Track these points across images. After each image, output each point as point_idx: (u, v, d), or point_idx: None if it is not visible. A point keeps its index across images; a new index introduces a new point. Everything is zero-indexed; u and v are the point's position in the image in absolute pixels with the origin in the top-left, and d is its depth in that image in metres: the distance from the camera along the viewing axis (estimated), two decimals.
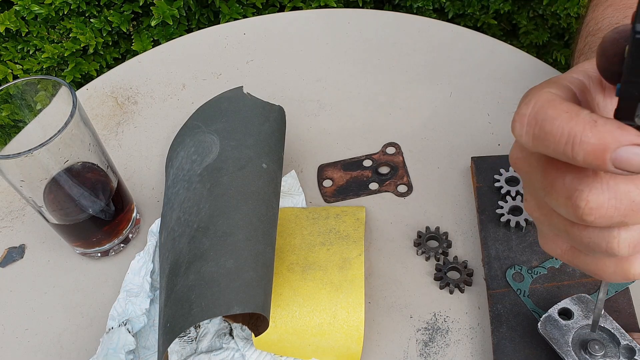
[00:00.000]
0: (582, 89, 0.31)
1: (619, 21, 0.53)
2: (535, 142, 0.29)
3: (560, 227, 0.32)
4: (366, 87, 0.70)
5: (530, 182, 0.32)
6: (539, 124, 0.29)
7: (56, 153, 0.49)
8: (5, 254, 0.61)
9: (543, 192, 0.31)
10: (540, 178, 0.31)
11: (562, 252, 0.34)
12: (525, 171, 0.32)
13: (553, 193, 0.30)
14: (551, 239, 0.35)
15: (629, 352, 0.46)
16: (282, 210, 0.60)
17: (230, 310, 0.46)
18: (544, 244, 0.35)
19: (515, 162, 0.33)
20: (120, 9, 1.00)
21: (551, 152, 0.29)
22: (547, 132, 0.28)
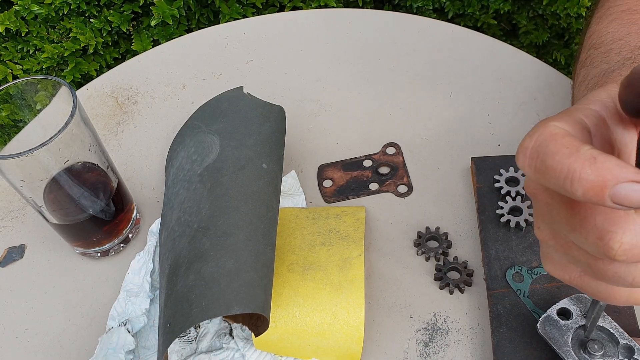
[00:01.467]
0: (599, 122, 0.31)
1: (622, 37, 0.53)
2: (537, 175, 0.29)
3: (579, 259, 0.32)
4: (366, 87, 0.70)
5: (549, 213, 0.32)
6: (540, 158, 0.29)
7: (56, 153, 0.49)
8: (5, 254, 0.61)
9: (568, 227, 0.31)
10: (566, 214, 0.31)
11: (571, 278, 0.35)
12: (545, 202, 0.32)
13: (582, 231, 0.30)
14: (562, 265, 0.35)
15: (628, 352, 0.46)
16: (282, 211, 0.60)
17: (230, 310, 0.46)
18: (552, 269, 0.35)
19: (533, 192, 0.33)
20: (120, 9, 1.00)
21: (552, 186, 0.29)
22: (548, 167, 0.28)
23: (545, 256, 0.36)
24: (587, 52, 0.56)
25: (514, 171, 0.58)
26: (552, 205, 0.32)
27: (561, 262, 0.35)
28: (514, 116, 0.66)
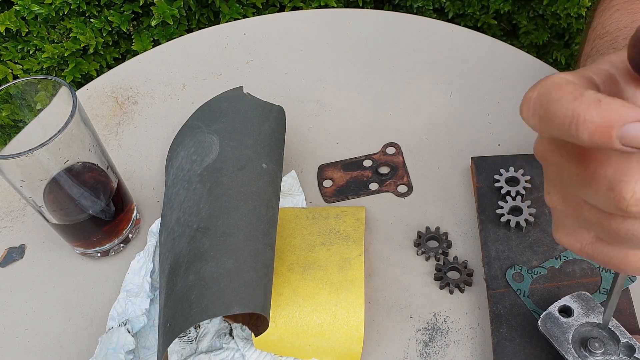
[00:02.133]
0: (608, 79, 0.31)
1: (627, 25, 0.53)
2: (541, 125, 0.29)
3: (591, 219, 0.31)
4: (366, 87, 0.70)
5: (559, 174, 0.32)
6: (543, 106, 0.28)
7: (56, 153, 0.49)
8: (5, 254, 0.61)
9: (579, 183, 0.30)
10: (576, 170, 0.30)
11: (582, 246, 0.34)
12: (555, 162, 0.32)
13: (593, 184, 0.29)
14: (573, 231, 0.34)
15: (628, 350, 0.46)
16: (282, 210, 0.60)
17: (230, 310, 0.46)
18: (562, 237, 0.34)
19: (543, 154, 0.32)
20: (120, 9, 1.00)
21: (557, 133, 0.28)
22: (552, 113, 0.28)
23: (556, 224, 0.35)
24: (592, 43, 0.55)
25: (514, 171, 0.58)
26: (562, 165, 0.31)
27: (572, 228, 0.34)
28: (514, 116, 0.66)
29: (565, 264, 0.54)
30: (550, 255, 0.54)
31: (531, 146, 0.63)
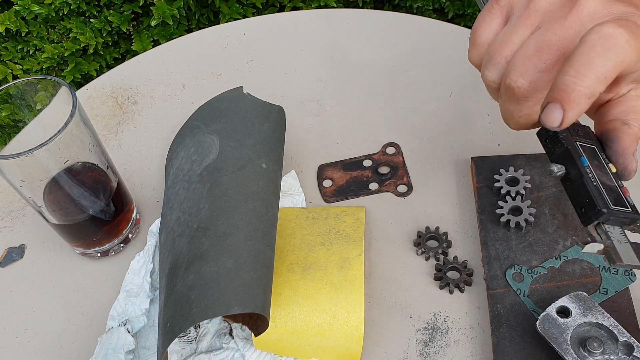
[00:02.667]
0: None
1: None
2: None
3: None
4: (366, 87, 0.70)
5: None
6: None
7: (56, 153, 0.49)
8: (5, 254, 0.61)
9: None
10: None
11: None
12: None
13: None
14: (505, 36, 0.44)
15: (627, 349, 0.46)
16: (282, 210, 0.60)
17: (230, 310, 0.46)
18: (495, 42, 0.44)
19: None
20: (120, 9, 1.00)
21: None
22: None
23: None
24: None
25: (514, 171, 0.58)
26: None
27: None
28: None
29: (565, 264, 0.54)
30: (550, 255, 0.54)
31: (531, 146, 0.63)
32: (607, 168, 0.43)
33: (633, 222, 0.42)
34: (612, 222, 0.41)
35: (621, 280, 0.52)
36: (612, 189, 0.41)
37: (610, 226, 0.41)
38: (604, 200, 0.40)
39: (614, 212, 0.40)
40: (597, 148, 0.43)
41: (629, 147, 0.42)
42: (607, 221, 0.41)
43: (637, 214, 0.42)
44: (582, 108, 0.38)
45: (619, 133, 0.43)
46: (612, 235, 0.41)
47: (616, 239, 0.41)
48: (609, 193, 0.41)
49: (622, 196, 0.42)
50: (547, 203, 0.57)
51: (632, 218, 0.41)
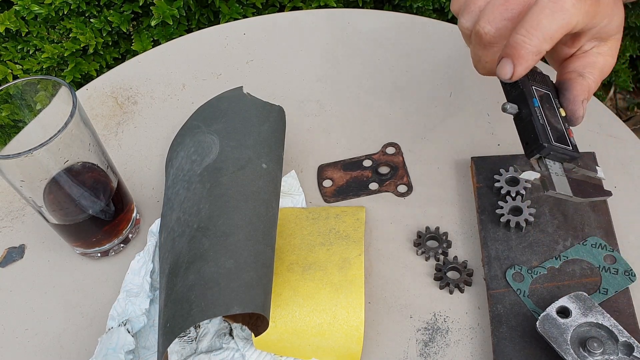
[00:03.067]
0: None
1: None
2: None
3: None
4: (366, 87, 0.70)
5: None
6: None
7: (56, 153, 0.49)
8: (5, 254, 0.61)
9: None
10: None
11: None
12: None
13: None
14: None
15: (627, 349, 0.46)
16: (282, 210, 0.60)
17: (230, 310, 0.46)
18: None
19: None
20: (120, 9, 1.00)
21: None
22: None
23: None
24: None
25: (514, 171, 0.58)
26: None
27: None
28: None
29: (565, 264, 0.54)
30: (550, 255, 0.54)
31: None
32: (557, 112, 0.48)
33: (573, 159, 0.47)
34: (553, 157, 0.47)
35: (621, 280, 0.52)
36: (558, 129, 0.47)
37: (551, 161, 0.47)
38: (547, 136, 0.45)
39: (555, 147, 0.46)
40: (551, 94, 0.49)
41: (579, 95, 0.48)
42: (548, 155, 0.46)
43: (577, 152, 0.47)
44: (530, 63, 0.44)
45: (573, 82, 0.48)
46: (552, 168, 0.47)
47: (554, 172, 0.47)
48: (554, 132, 0.46)
49: (566, 136, 0.47)
50: (547, 203, 0.57)
51: (571, 155, 0.47)
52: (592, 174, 0.50)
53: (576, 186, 0.48)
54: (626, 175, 0.60)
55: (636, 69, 1.22)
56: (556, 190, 0.46)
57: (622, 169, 0.61)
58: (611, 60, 0.49)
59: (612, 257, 0.53)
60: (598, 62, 0.48)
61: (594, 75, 0.48)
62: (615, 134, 0.63)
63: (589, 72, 0.48)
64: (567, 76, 0.49)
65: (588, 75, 0.48)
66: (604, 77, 0.49)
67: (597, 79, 0.48)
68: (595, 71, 0.48)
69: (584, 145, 0.62)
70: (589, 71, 0.48)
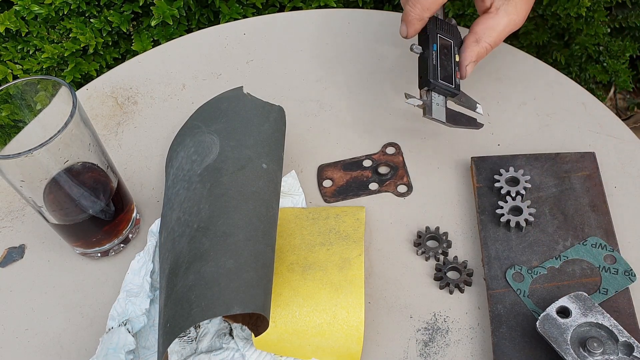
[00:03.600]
0: None
1: None
2: None
3: None
4: (366, 87, 0.70)
5: None
6: None
7: (56, 153, 0.49)
8: (5, 254, 0.61)
9: None
10: None
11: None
12: None
13: None
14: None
15: (627, 349, 0.46)
16: (282, 211, 0.60)
17: (230, 310, 0.46)
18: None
19: None
20: (120, 9, 1.00)
21: None
22: None
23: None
24: None
25: (514, 171, 0.58)
26: None
27: None
28: (514, 116, 0.66)
29: (565, 264, 0.54)
30: (550, 255, 0.54)
31: (531, 146, 0.63)
32: (452, 58, 0.59)
33: (454, 95, 0.59)
34: (438, 91, 0.58)
35: (621, 280, 0.52)
36: (448, 71, 0.58)
37: (437, 94, 0.58)
38: (435, 75, 0.57)
39: (439, 84, 0.57)
40: (453, 43, 0.60)
41: (466, 59, 0.59)
42: (434, 89, 0.58)
43: (458, 90, 0.58)
44: (417, 27, 0.57)
45: (466, 47, 0.59)
46: (435, 99, 0.58)
47: (436, 102, 0.58)
48: (443, 72, 0.58)
49: (453, 78, 0.58)
50: (547, 203, 0.57)
51: (452, 92, 0.58)
52: (473, 110, 0.61)
53: (452, 116, 0.58)
54: (626, 175, 0.60)
55: (636, 69, 1.22)
56: (432, 116, 0.57)
57: (622, 169, 0.61)
58: (516, 17, 0.58)
59: (612, 257, 0.53)
60: (501, 23, 0.58)
61: (490, 38, 0.58)
62: (615, 134, 0.63)
63: (487, 35, 0.58)
64: (467, 39, 0.59)
65: (483, 41, 0.58)
66: (508, 33, 0.59)
67: (494, 41, 0.59)
68: (494, 34, 0.58)
69: (584, 145, 0.62)
70: (488, 34, 0.58)
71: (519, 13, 0.58)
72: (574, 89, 0.68)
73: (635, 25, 1.08)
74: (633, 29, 1.11)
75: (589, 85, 1.13)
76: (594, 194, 0.57)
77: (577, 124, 0.64)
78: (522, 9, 0.58)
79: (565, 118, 0.65)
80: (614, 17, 1.10)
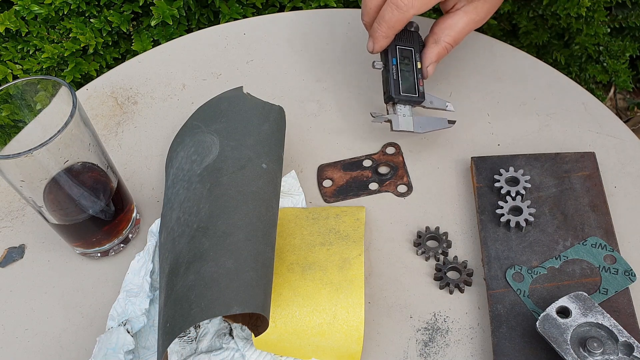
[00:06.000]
0: None
1: None
2: None
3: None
4: (366, 87, 0.70)
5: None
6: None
7: (56, 153, 0.49)
8: (5, 254, 0.61)
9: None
10: None
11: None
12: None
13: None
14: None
15: (627, 349, 0.46)
16: (282, 211, 0.60)
17: (230, 310, 0.46)
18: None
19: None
20: (120, 9, 1.00)
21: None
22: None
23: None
24: None
25: (514, 171, 0.58)
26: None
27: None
28: (514, 116, 0.66)
29: (565, 264, 0.54)
30: (550, 255, 0.54)
31: (531, 146, 0.63)
32: (414, 65, 0.61)
33: (418, 103, 0.61)
34: (402, 103, 0.60)
35: (621, 281, 0.52)
36: (410, 81, 0.61)
37: (402, 105, 0.60)
38: (397, 89, 0.60)
39: (402, 97, 0.60)
40: (414, 49, 0.62)
41: (427, 59, 0.61)
42: (398, 102, 0.60)
43: (422, 98, 0.61)
44: (382, 43, 0.59)
45: (427, 47, 0.61)
46: (400, 110, 0.60)
47: (402, 113, 0.60)
48: (405, 83, 0.60)
49: (416, 86, 0.61)
50: (547, 203, 0.57)
51: (417, 101, 0.61)
52: (443, 109, 0.63)
53: (420, 123, 0.61)
54: (626, 175, 0.60)
55: (636, 69, 1.22)
56: (399, 128, 0.60)
57: (622, 169, 0.61)
58: (475, 17, 0.60)
59: (612, 257, 0.53)
60: (460, 22, 0.60)
61: (449, 37, 0.60)
62: (615, 134, 0.63)
63: (446, 34, 0.60)
64: (428, 39, 0.62)
65: (442, 40, 0.61)
66: (468, 32, 0.61)
67: (453, 39, 0.60)
68: (452, 32, 0.60)
69: (584, 145, 0.62)
70: (446, 34, 0.60)
71: (479, 13, 0.60)
72: (574, 89, 0.68)
73: (635, 25, 1.08)
74: (633, 29, 1.11)
75: (589, 85, 1.13)
76: (594, 194, 0.57)
77: (577, 124, 0.64)
78: (483, 9, 0.60)
79: (565, 118, 0.65)
80: (614, 17, 1.10)
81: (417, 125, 0.60)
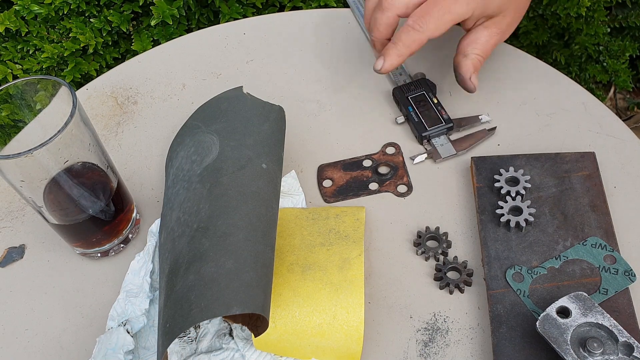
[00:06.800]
0: None
1: None
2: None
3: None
4: (366, 87, 0.70)
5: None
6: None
7: (56, 153, 0.49)
8: (5, 254, 0.61)
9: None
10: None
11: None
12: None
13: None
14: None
15: (627, 349, 0.46)
16: (282, 211, 0.60)
17: (230, 310, 0.46)
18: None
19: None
20: (120, 8, 1.00)
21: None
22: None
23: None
24: None
25: (514, 171, 0.58)
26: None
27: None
28: (514, 116, 0.66)
29: (565, 264, 0.54)
30: (550, 255, 0.54)
31: (531, 146, 0.63)
32: (430, 102, 0.65)
33: (450, 129, 0.64)
34: (434, 135, 0.63)
35: (621, 281, 0.52)
36: (432, 116, 0.64)
37: (437, 138, 0.63)
38: (423, 128, 0.63)
39: (431, 131, 0.63)
40: (425, 92, 0.66)
41: (466, 73, 0.62)
42: (431, 137, 0.63)
43: (450, 123, 0.63)
44: (395, 62, 0.59)
45: (459, 64, 0.62)
46: (437, 142, 0.63)
47: (440, 143, 0.63)
48: (428, 120, 0.63)
49: (440, 117, 0.64)
50: (547, 203, 0.57)
51: (447, 128, 0.63)
52: (480, 123, 0.65)
53: (459, 143, 0.63)
54: (626, 175, 0.60)
55: (636, 69, 1.22)
56: (441, 157, 0.62)
57: (622, 169, 0.61)
58: (497, 29, 0.61)
59: (612, 257, 0.53)
60: (482, 36, 0.61)
61: (476, 50, 0.61)
62: (615, 134, 0.63)
63: (472, 48, 0.61)
64: (456, 59, 0.62)
65: (471, 53, 0.61)
66: (493, 45, 0.62)
67: (482, 52, 0.61)
68: (478, 45, 0.61)
69: (584, 145, 0.62)
70: (472, 47, 0.61)
71: (500, 26, 0.61)
72: (574, 89, 0.68)
73: (635, 25, 1.08)
74: (633, 29, 1.11)
75: (589, 85, 1.13)
76: (594, 194, 0.57)
77: (577, 124, 0.64)
78: (503, 23, 0.61)
79: (565, 118, 0.65)
80: (614, 16, 1.10)
81: (457, 146, 0.63)
